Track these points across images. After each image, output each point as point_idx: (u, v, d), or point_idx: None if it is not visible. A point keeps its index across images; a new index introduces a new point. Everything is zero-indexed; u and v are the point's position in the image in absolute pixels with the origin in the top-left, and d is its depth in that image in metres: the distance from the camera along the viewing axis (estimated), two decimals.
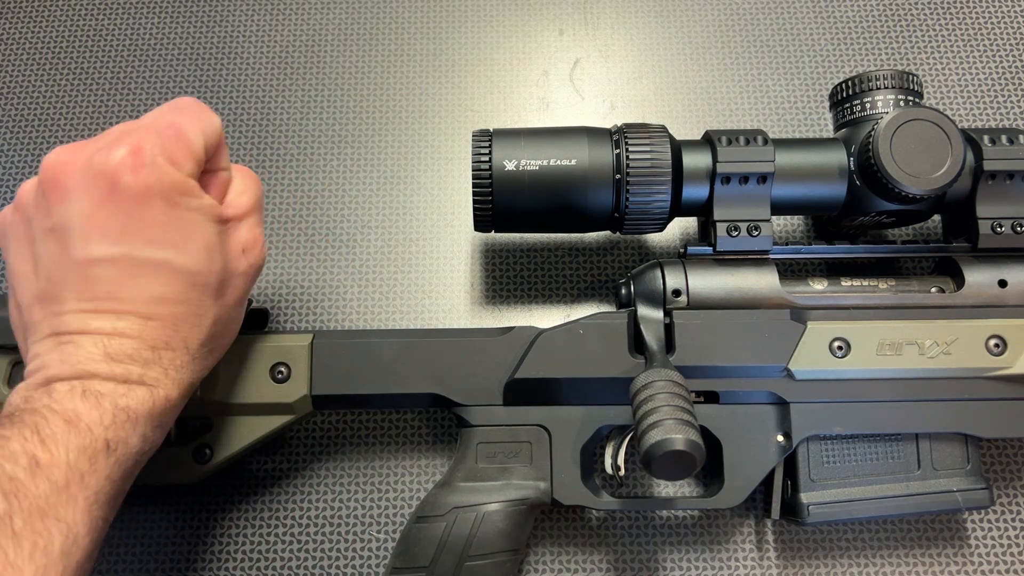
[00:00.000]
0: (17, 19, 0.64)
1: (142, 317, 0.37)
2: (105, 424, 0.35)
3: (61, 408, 0.35)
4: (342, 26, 0.63)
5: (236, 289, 0.42)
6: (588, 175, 0.46)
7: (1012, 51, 0.61)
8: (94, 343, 0.36)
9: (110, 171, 0.37)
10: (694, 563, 0.49)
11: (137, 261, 0.37)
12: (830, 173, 0.46)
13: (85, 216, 0.37)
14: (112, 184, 0.37)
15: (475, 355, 0.46)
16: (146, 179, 0.37)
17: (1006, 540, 0.50)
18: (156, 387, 0.37)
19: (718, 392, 0.45)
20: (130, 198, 0.37)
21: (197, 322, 0.39)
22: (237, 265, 0.41)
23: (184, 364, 0.39)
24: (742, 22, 0.63)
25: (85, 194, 0.37)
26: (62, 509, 0.33)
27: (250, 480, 0.51)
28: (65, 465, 0.33)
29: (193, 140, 0.39)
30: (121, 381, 0.36)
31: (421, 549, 0.44)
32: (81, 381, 0.36)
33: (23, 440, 0.33)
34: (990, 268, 0.46)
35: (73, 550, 0.33)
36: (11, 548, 0.31)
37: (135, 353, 0.37)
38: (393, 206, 0.58)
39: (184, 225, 0.38)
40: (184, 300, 0.38)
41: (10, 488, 0.32)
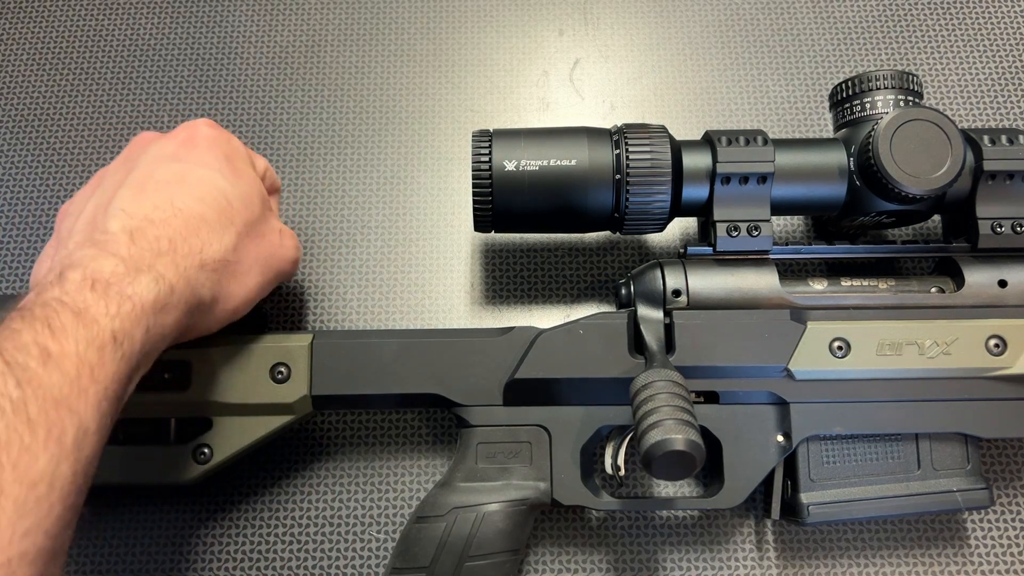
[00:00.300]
0: (17, 19, 0.64)
1: (173, 210, 0.41)
2: (111, 314, 0.36)
3: (71, 300, 0.35)
4: (342, 26, 0.63)
5: (261, 248, 0.45)
6: (588, 175, 0.46)
7: (1012, 51, 0.61)
8: (124, 230, 0.39)
9: (193, 126, 0.46)
10: (694, 563, 0.49)
11: (189, 172, 0.43)
12: (830, 173, 0.46)
13: (160, 148, 0.44)
14: (191, 133, 0.45)
15: (475, 355, 0.46)
16: (218, 134, 0.46)
17: (1006, 540, 0.50)
18: (163, 277, 0.38)
19: (718, 392, 0.45)
20: (202, 140, 0.45)
21: (219, 234, 0.42)
22: (270, 232, 0.46)
23: (193, 267, 0.40)
24: (742, 22, 0.63)
25: (166, 139, 0.45)
26: (74, 401, 0.33)
27: (250, 480, 0.51)
28: (76, 356, 0.34)
29: (255, 156, 0.49)
30: (132, 267, 0.38)
31: (421, 549, 0.44)
32: (93, 267, 0.37)
33: (34, 332, 0.34)
34: (990, 268, 0.46)
35: (84, 444, 0.33)
36: (27, 433, 0.31)
37: (154, 241, 0.39)
38: (393, 206, 0.58)
39: (236, 168, 0.45)
40: (216, 208, 0.42)
41: (23, 377, 0.32)
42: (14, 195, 0.58)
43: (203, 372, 0.46)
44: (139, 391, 0.42)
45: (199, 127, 0.46)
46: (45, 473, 0.31)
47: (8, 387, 0.32)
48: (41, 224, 0.57)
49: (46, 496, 0.31)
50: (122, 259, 0.38)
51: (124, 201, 0.41)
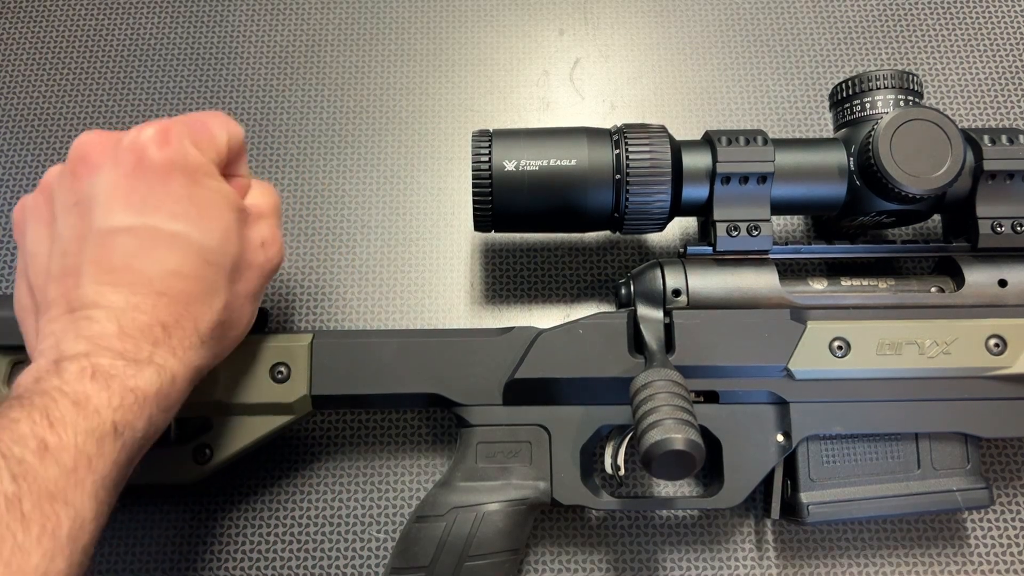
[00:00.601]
0: (17, 19, 0.64)
1: (156, 292, 0.38)
2: (113, 406, 0.35)
3: (71, 390, 0.34)
4: (342, 26, 0.63)
5: (250, 280, 0.42)
6: (588, 175, 0.46)
7: (1012, 51, 0.61)
8: (109, 318, 0.37)
9: (139, 146, 0.39)
10: (694, 563, 0.49)
11: (156, 232, 0.38)
12: (830, 173, 0.46)
13: (110, 187, 0.39)
14: (139, 158, 0.39)
15: (475, 355, 0.46)
16: (171, 155, 0.39)
17: (1006, 540, 0.50)
18: (164, 368, 0.37)
19: (718, 392, 0.45)
20: (154, 171, 0.39)
21: (209, 302, 0.39)
22: (254, 257, 0.43)
23: (193, 346, 0.39)
24: (742, 22, 0.63)
25: (112, 168, 0.39)
26: (70, 493, 0.33)
27: (250, 480, 0.51)
28: (74, 448, 0.33)
29: (217, 135, 0.42)
30: (131, 360, 0.36)
31: (421, 549, 0.44)
32: (92, 360, 0.35)
33: (32, 423, 0.33)
34: (990, 268, 0.46)
35: (80, 535, 0.33)
36: (20, 531, 0.30)
37: (147, 330, 0.37)
38: (393, 206, 0.58)
39: (204, 203, 0.40)
40: (198, 276, 0.39)
41: (19, 471, 0.31)
42: (14, 195, 0.58)
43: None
44: None
45: (147, 151, 0.39)
46: (39, 569, 0.31)
47: (3, 482, 0.31)
48: None
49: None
50: (119, 353, 0.36)
51: (96, 281, 0.37)
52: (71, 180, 0.40)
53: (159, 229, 0.38)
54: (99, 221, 0.38)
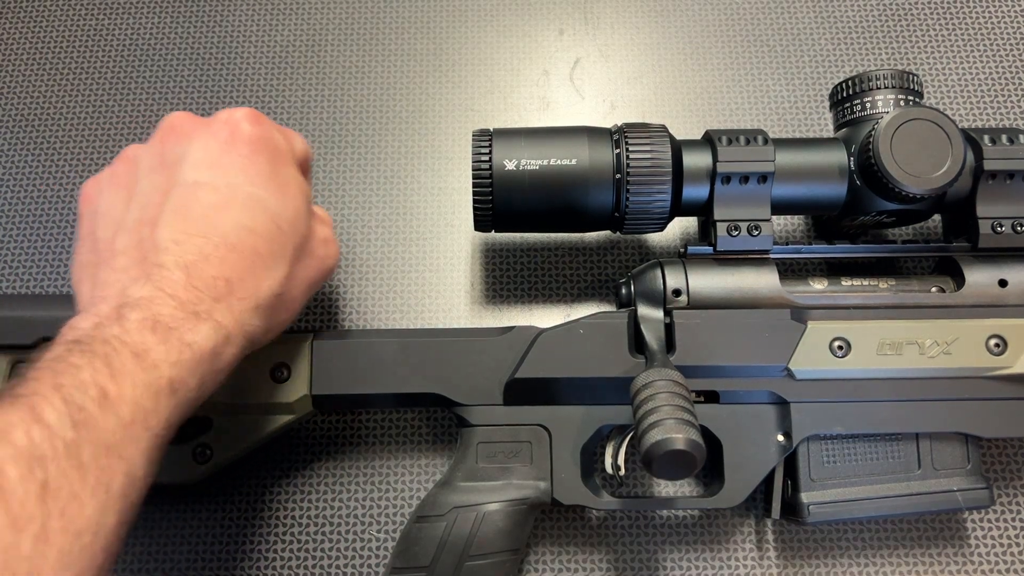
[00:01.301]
0: (17, 19, 0.64)
1: (228, 245, 0.39)
2: (171, 361, 0.35)
3: (131, 340, 0.34)
4: (342, 26, 0.63)
5: (309, 268, 0.43)
6: (588, 175, 0.46)
7: (1012, 51, 0.61)
8: (178, 265, 0.37)
9: (233, 121, 0.42)
10: (694, 563, 0.49)
11: (236, 192, 0.40)
12: (830, 173, 0.46)
13: (200, 151, 0.41)
14: (232, 130, 0.41)
15: (475, 355, 0.46)
16: (261, 133, 0.42)
17: (1006, 540, 0.50)
18: (221, 325, 0.37)
19: (718, 392, 0.45)
20: (244, 143, 0.41)
21: (273, 269, 0.40)
22: (316, 248, 0.44)
23: (248, 310, 0.39)
24: (742, 22, 0.63)
25: (205, 137, 0.41)
26: (126, 447, 0.32)
27: (250, 480, 0.51)
28: (132, 401, 0.33)
29: (297, 142, 0.46)
30: (191, 312, 0.36)
31: (421, 549, 0.44)
32: (154, 309, 0.35)
33: (93, 371, 0.32)
34: (990, 268, 0.46)
35: (130, 491, 0.32)
36: (77, 480, 0.30)
37: (212, 283, 0.37)
38: (393, 206, 0.58)
39: (282, 181, 0.42)
40: (269, 239, 0.40)
41: (80, 419, 0.31)
42: (14, 195, 0.58)
43: None
44: None
45: (241, 124, 0.42)
46: (91, 522, 0.30)
47: (64, 428, 0.30)
48: (41, 224, 0.57)
49: (90, 546, 0.30)
50: (181, 302, 0.36)
51: (173, 229, 0.38)
52: (159, 146, 0.42)
53: (240, 188, 0.40)
54: (185, 175, 0.40)
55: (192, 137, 0.41)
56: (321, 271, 0.45)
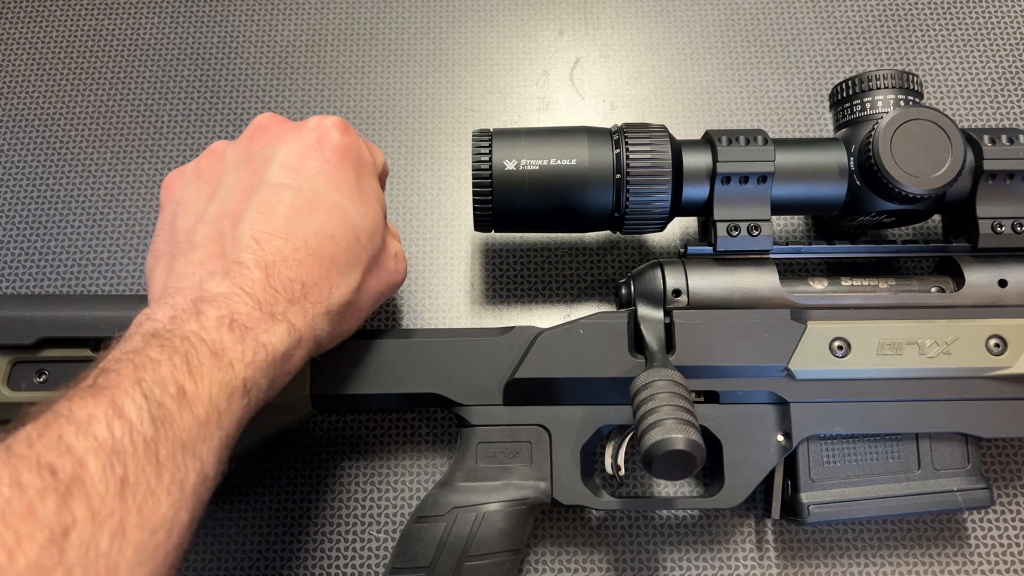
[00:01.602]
0: (17, 19, 0.64)
1: (308, 249, 0.39)
2: (246, 361, 0.35)
3: (210, 338, 0.34)
4: (342, 26, 0.63)
5: (379, 280, 0.44)
6: (588, 175, 0.46)
7: (1012, 51, 0.61)
8: (258, 264, 0.37)
9: (323, 128, 0.42)
10: (694, 563, 0.49)
11: (320, 197, 0.40)
12: (830, 173, 0.46)
13: (288, 153, 0.41)
14: (321, 137, 0.42)
15: (475, 355, 0.46)
16: (349, 143, 0.43)
17: (1006, 540, 0.50)
18: (294, 328, 0.37)
19: (718, 392, 0.45)
20: (332, 151, 0.42)
21: (347, 277, 0.40)
22: (388, 261, 0.45)
23: (320, 315, 0.39)
24: (742, 22, 0.63)
25: (294, 140, 0.42)
26: (199, 446, 0.32)
27: (250, 480, 0.51)
28: (208, 400, 0.33)
29: (379, 156, 0.46)
30: (267, 313, 0.36)
31: (421, 549, 0.44)
32: (231, 307, 0.35)
33: (173, 367, 0.32)
34: (990, 268, 0.46)
35: (201, 490, 0.32)
36: (153, 477, 0.30)
37: (289, 285, 0.38)
38: (393, 206, 0.58)
39: (365, 192, 0.43)
40: (347, 247, 0.40)
41: (159, 415, 0.31)
42: (14, 195, 0.58)
43: None
44: None
45: (330, 132, 0.42)
46: (166, 519, 0.30)
47: (144, 424, 0.30)
48: (41, 224, 0.57)
49: (164, 543, 0.30)
50: (258, 302, 0.36)
51: (255, 228, 0.38)
52: (248, 144, 0.43)
53: (324, 195, 0.40)
54: (272, 175, 0.40)
55: (281, 139, 0.42)
56: (390, 284, 0.45)
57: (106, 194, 0.58)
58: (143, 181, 0.59)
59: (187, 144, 0.60)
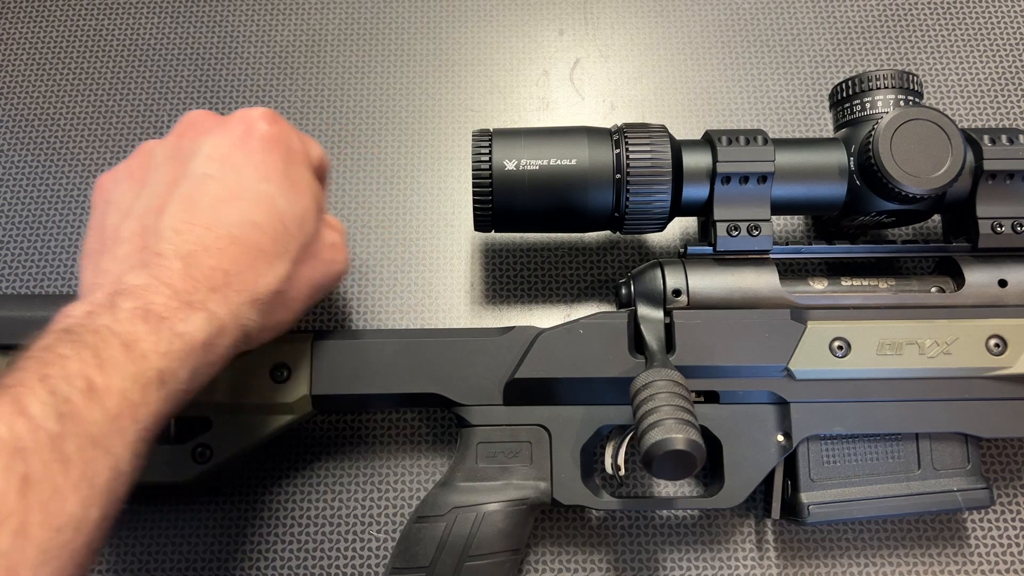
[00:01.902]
0: (17, 19, 0.64)
1: (230, 237, 0.38)
2: (161, 351, 0.34)
3: (122, 330, 0.34)
4: (342, 26, 0.63)
5: (314, 269, 0.43)
6: (588, 175, 0.46)
7: (1012, 51, 0.61)
8: (177, 254, 0.37)
9: (250, 119, 0.42)
10: (694, 563, 0.49)
11: (246, 186, 0.40)
12: (830, 173, 0.46)
13: (214, 145, 0.41)
14: (248, 128, 0.42)
15: (475, 355, 0.46)
16: (277, 132, 0.42)
17: (1006, 540, 0.50)
18: (215, 316, 0.37)
19: (718, 392, 0.45)
20: (258, 140, 0.41)
21: (273, 265, 0.40)
22: (322, 251, 0.44)
23: (245, 304, 0.38)
24: (742, 22, 0.63)
25: (220, 133, 0.42)
26: (112, 440, 0.32)
27: (250, 480, 0.51)
28: (119, 393, 0.32)
29: (313, 148, 0.46)
30: (185, 302, 0.36)
31: (421, 549, 0.44)
32: (147, 298, 0.35)
33: (81, 361, 0.32)
34: (990, 268, 0.46)
35: (115, 486, 0.32)
36: (60, 474, 0.29)
37: (210, 274, 0.37)
38: (393, 206, 0.58)
39: (294, 181, 0.42)
40: (272, 234, 0.40)
41: (66, 411, 0.30)
42: (14, 195, 0.58)
43: None
44: None
45: (257, 123, 0.42)
46: (73, 517, 0.30)
47: (49, 420, 0.30)
48: (41, 224, 0.57)
49: (71, 542, 0.29)
50: (175, 291, 0.36)
51: (177, 218, 0.38)
52: (175, 140, 0.43)
53: (249, 184, 0.40)
54: (195, 167, 0.40)
55: (208, 132, 0.42)
56: (328, 275, 0.44)
57: None
58: None
59: None
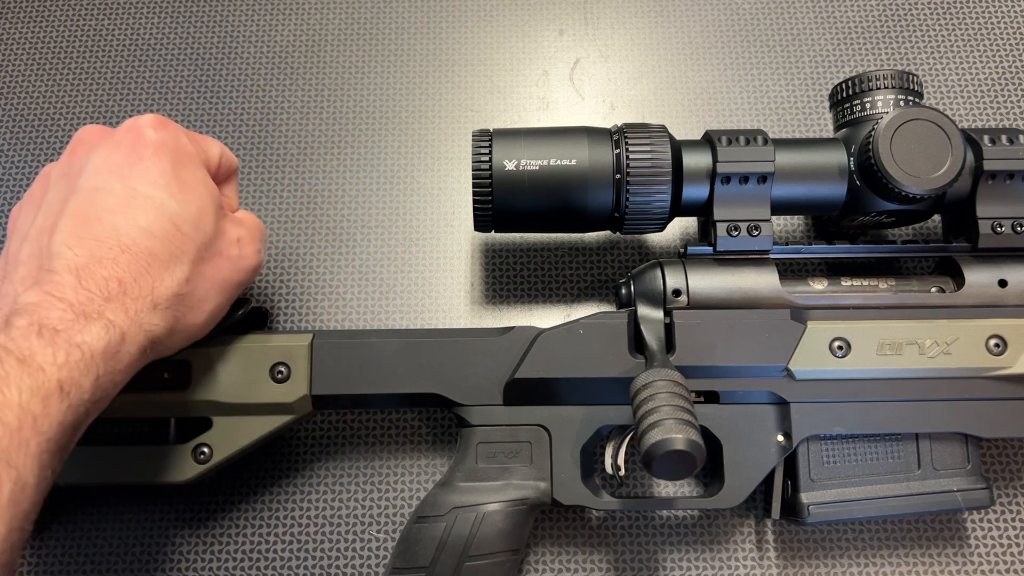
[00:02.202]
0: (17, 19, 0.64)
1: (122, 246, 0.39)
2: (59, 363, 0.34)
3: (16, 347, 0.34)
4: (342, 26, 0.63)
5: (219, 268, 0.43)
6: (588, 175, 0.46)
7: (1012, 51, 0.61)
8: (69, 268, 0.37)
9: (136, 128, 0.43)
10: (694, 563, 0.49)
11: (135, 194, 0.41)
12: (830, 173, 0.46)
13: (103, 159, 0.42)
14: (135, 137, 0.42)
15: (475, 355, 0.46)
16: (165, 136, 0.43)
17: (1006, 540, 0.50)
18: (114, 324, 0.37)
19: (718, 392, 0.45)
20: (145, 147, 0.42)
21: (171, 269, 0.40)
22: (227, 247, 0.44)
23: (146, 308, 0.39)
24: (742, 22, 0.63)
25: (108, 145, 0.42)
26: (13, 453, 0.32)
27: (250, 480, 0.51)
28: (18, 407, 0.33)
29: (210, 147, 0.46)
30: (80, 313, 0.36)
31: (421, 549, 0.44)
32: (41, 314, 0.35)
33: None
34: (990, 268, 0.46)
35: (21, 498, 0.32)
36: None
37: (104, 284, 0.38)
38: (393, 206, 0.58)
39: (186, 182, 0.42)
40: (166, 239, 0.40)
41: None
42: (14, 195, 0.58)
43: (203, 372, 0.46)
44: (139, 391, 0.42)
45: (144, 131, 0.42)
46: None
47: None
48: None
49: None
50: (70, 304, 0.36)
51: (68, 234, 0.39)
52: (67, 158, 0.43)
53: (138, 191, 0.41)
54: (84, 181, 0.41)
55: (96, 147, 0.42)
56: (237, 270, 0.44)
57: None
58: None
59: None
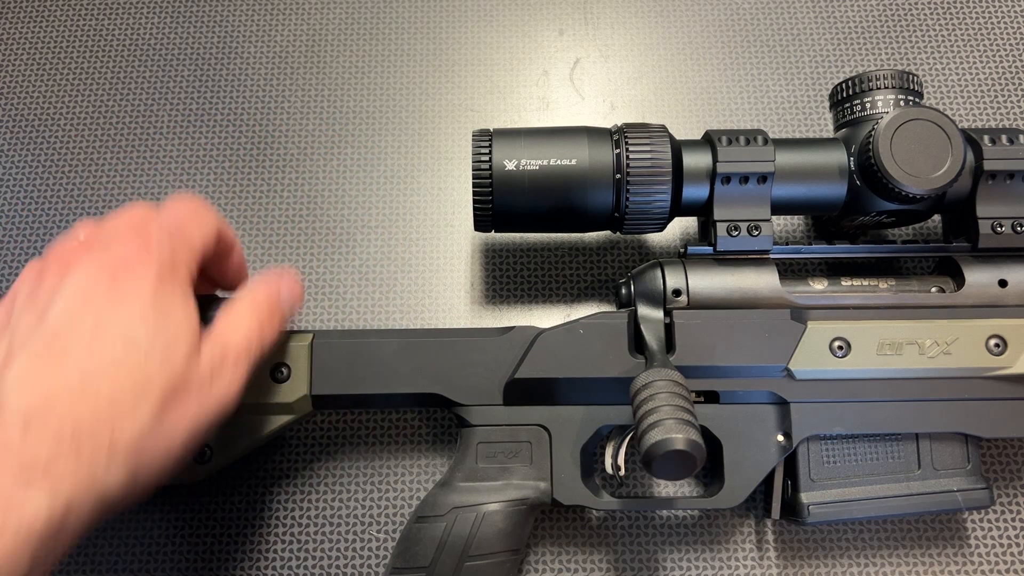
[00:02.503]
0: (17, 19, 0.64)
1: (83, 385, 0.35)
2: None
3: None
4: (342, 26, 0.63)
5: (187, 409, 0.38)
6: (588, 175, 0.46)
7: (1012, 51, 0.61)
8: (19, 411, 0.34)
9: (117, 242, 0.39)
10: (694, 563, 0.49)
11: (106, 326, 0.36)
12: (830, 173, 0.46)
13: (74, 291, 0.37)
14: (113, 261, 0.38)
15: (475, 355, 0.46)
16: (144, 255, 0.38)
17: (1006, 540, 0.50)
18: (58, 492, 0.33)
19: (718, 392, 0.45)
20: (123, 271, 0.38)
21: (132, 410, 0.36)
22: (200, 384, 0.38)
23: (99, 463, 0.34)
24: (742, 22, 0.63)
25: (83, 272, 0.38)
26: None
27: (250, 480, 0.51)
28: None
29: (194, 231, 0.41)
30: (24, 480, 0.32)
31: (421, 549, 0.44)
32: None
33: None
34: (990, 268, 0.46)
35: None
36: None
37: (56, 430, 0.34)
38: (393, 206, 0.58)
39: (161, 308, 0.38)
40: (130, 376, 0.36)
41: None
42: (14, 195, 0.58)
43: None
44: None
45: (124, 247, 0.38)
46: None
47: None
48: (41, 224, 0.57)
49: None
50: (11, 464, 0.32)
51: (25, 371, 0.35)
52: (40, 277, 0.39)
53: (110, 322, 0.37)
54: (52, 317, 0.37)
55: (69, 273, 0.38)
56: (209, 409, 0.39)
57: (106, 194, 0.58)
58: (143, 181, 0.59)
59: (187, 144, 0.60)
